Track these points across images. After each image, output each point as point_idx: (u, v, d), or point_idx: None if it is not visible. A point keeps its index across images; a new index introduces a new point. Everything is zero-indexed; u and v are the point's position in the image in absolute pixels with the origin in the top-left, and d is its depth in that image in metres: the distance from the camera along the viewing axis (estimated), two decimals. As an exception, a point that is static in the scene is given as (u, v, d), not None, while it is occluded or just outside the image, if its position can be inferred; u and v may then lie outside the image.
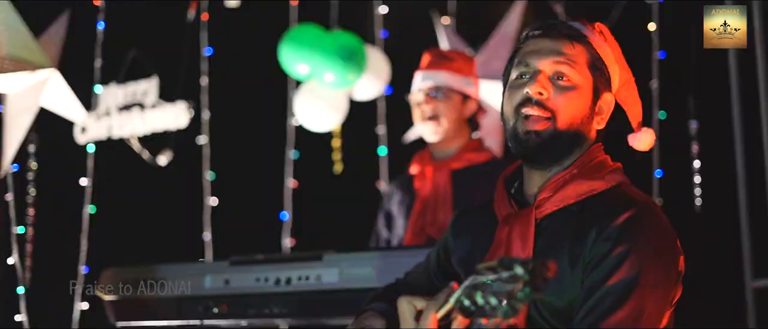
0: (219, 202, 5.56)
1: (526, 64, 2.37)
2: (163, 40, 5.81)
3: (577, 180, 2.32)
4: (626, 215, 2.20)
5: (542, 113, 2.32)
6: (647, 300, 2.13)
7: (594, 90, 2.37)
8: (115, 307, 3.52)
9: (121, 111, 5.49)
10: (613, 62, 2.41)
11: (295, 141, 5.45)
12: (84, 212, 5.45)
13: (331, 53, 4.84)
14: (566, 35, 2.36)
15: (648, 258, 2.16)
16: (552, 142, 2.32)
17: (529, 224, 2.29)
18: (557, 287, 2.22)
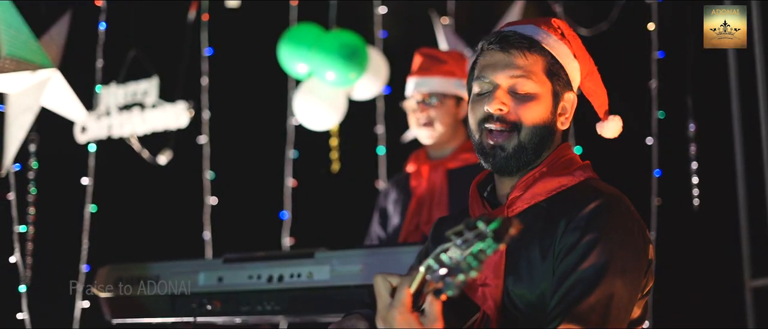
0: (219, 201, 5.57)
1: (483, 78, 2.41)
2: (164, 40, 5.83)
3: (546, 178, 2.37)
4: (594, 205, 2.25)
5: (504, 127, 2.38)
6: (617, 284, 2.19)
7: (553, 94, 2.42)
8: (111, 304, 3.55)
9: (121, 111, 5.50)
10: (572, 58, 2.45)
11: (295, 141, 5.46)
12: (85, 212, 5.46)
13: (332, 52, 4.85)
14: (518, 46, 2.39)
15: (616, 245, 2.21)
16: (517, 153, 2.38)
17: None
18: (529, 279, 2.28)
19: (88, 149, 5.46)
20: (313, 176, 5.47)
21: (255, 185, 5.63)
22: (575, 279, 2.19)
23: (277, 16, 5.43)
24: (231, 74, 5.65)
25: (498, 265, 2.31)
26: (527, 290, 2.28)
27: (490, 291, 2.31)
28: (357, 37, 5.02)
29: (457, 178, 4.05)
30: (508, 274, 2.31)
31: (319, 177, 5.46)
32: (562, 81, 2.42)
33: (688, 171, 4.71)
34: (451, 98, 4.14)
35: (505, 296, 2.30)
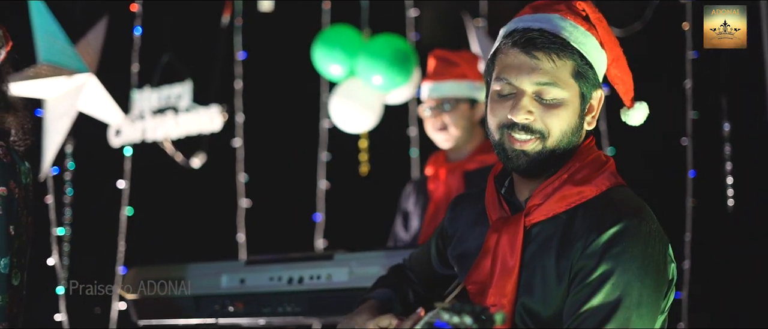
0: (252, 204, 5.61)
1: (506, 80, 2.27)
2: (197, 44, 5.89)
3: (566, 186, 2.25)
4: (611, 231, 2.15)
5: (529, 134, 2.25)
6: (631, 319, 2.10)
7: (581, 96, 2.28)
8: (137, 306, 3.60)
9: (155, 114, 5.57)
10: (600, 48, 2.31)
11: (328, 143, 5.49)
12: (121, 214, 5.54)
13: (382, 57, 4.84)
14: (546, 51, 2.24)
15: (634, 276, 2.11)
16: (542, 159, 2.27)
17: (517, 233, 2.25)
18: (543, 298, 2.20)
19: (124, 153, 5.53)
20: (345, 178, 5.49)
21: (288, 188, 5.66)
22: (587, 314, 2.11)
23: (310, 19, 5.46)
24: (264, 77, 5.69)
25: (508, 281, 2.23)
26: (541, 307, 2.20)
27: (502, 303, 2.23)
28: (406, 43, 5.04)
29: (475, 180, 4.03)
30: (522, 286, 2.23)
31: (352, 179, 5.48)
32: (589, 81, 2.29)
33: (722, 172, 4.65)
34: (464, 102, 4.13)
35: (517, 314, 2.23)
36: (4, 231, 2.53)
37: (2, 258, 2.51)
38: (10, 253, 2.54)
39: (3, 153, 2.58)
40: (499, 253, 2.27)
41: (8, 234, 2.53)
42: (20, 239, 2.60)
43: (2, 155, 2.58)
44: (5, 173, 2.57)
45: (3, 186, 2.55)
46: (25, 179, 2.67)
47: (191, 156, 5.62)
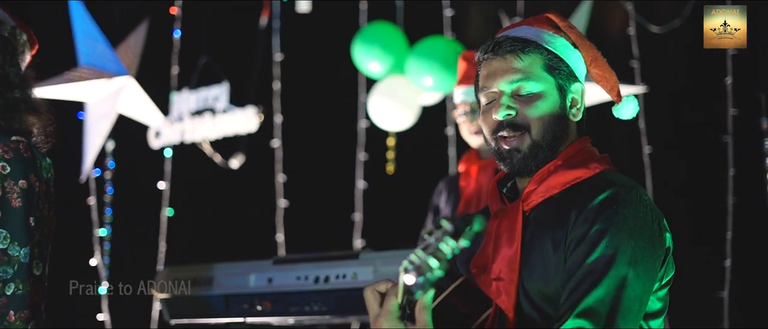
0: (291, 204, 5.65)
1: (487, 89, 2.42)
2: (235, 46, 5.94)
3: (560, 171, 2.36)
4: (603, 196, 2.23)
5: (516, 131, 2.37)
6: (628, 275, 2.17)
7: (559, 88, 2.40)
8: (169, 305, 3.64)
9: (193, 116, 5.63)
10: (572, 48, 2.43)
11: (365, 143, 5.50)
12: (161, 215, 5.61)
13: (434, 58, 4.85)
14: (511, 50, 2.38)
15: (626, 235, 2.19)
16: (533, 152, 2.37)
17: (516, 217, 2.35)
18: (543, 272, 2.27)
19: (164, 154, 5.61)
20: (383, 177, 5.50)
21: (326, 188, 5.69)
22: (583, 272, 2.18)
23: (347, 19, 5.47)
24: (302, 78, 5.72)
25: (513, 259, 2.31)
26: (542, 283, 2.27)
27: (504, 286, 2.31)
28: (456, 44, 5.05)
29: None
30: (523, 268, 2.30)
31: (390, 179, 5.49)
32: (564, 73, 2.40)
33: (762, 169, 4.59)
34: None
35: (521, 290, 2.30)
36: (25, 223, 2.60)
37: (23, 248, 2.58)
38: (31, 244, 2.61)
39: (24, 148, 2.65)
40: (501, 237, 2.37)
41: (28, 226, 2.60)
42: (41, 231, 2.66)
43: (23, 151, 2.65)
44: (26, 167, 2.64)
45: (23, 179, 2.62)
46: (46, 173, 2.74)
47: (230, 157, 5.67)
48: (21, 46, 2.83)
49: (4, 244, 2.57)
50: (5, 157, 2.61)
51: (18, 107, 2.75)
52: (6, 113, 2.72)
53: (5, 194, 2.59)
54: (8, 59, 2.76)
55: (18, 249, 2.58)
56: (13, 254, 2.57)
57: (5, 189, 2.59)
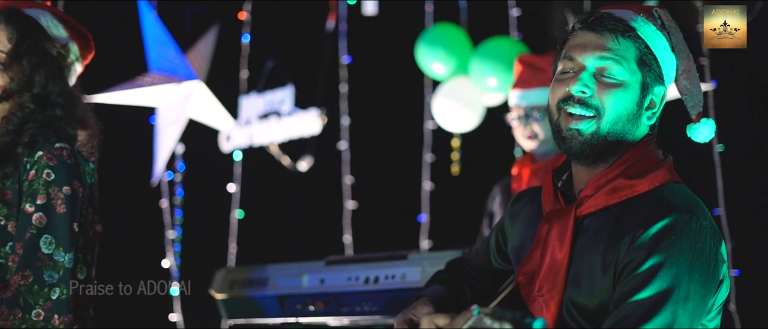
0: (358, 205, 5.68)
1: (570, 58, 2.31)
2: (302, 49, 5.99)
3: (619, 179, 2.25)
4: (661, 225, 2.13)
5: (585, 110, 2.27)
6: (678, 313, 2.08)
7: (642, 85, 2.29)
8: (226, 306, 3.70)
9: (260, 119, 5.71)
10: (669, 51, 2.32)
11: (432, 144, 5.51)
12: (232, 217, 5.70)
13: (498, 59, 4.84)
14: (611, 29, 2.27)
15: (682, 270, 2.10)
16: (595, 141, 2.27)
17: (567, 224, 2.26)
18: (589, 288, 2.20)
19: (233, 157, 5.69)
20: (450, 178, 5.49)
21: (393, 189, 5.71)
22: (633, 306, 2.09)
23: (413, 21, 5.48)
24: (368, 80, 5.75)
25: (558, 271, 2.23)
26: (586, 299, 2.20)
27: (545, 301, 2.24)
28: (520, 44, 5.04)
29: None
30: (569, 278, 2.23)
31: (456, 180, 5.48)
32: (654, 73, 2.30)
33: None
34: None
35: (564, 306, 2.23)
36: (68, 228, 2.67)
37: (67, 253, 2.65)
38: (75, 249, 2.67)
39: (68, 155, 2.72)
40: (549, 244, 2.28)
41: (72, 231, 2.67)
42: (85, 236, 2.73)
43: (67, 157, 2.72)
44: (69, 174, 2.71)
45: (67, 186, 2.69)
46: (90, 179, 2.80)
47: (298, 159, 5.73)
48: (70, 63, 2.89)
49: (49, 249, 2.64)
50: (49, 164, 2.69)
51: (58, 125, 2.81)
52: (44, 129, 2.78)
53: (50, 200, 2.67)
54: (52, 79, 2.82)
55: (62, 254, 2.65)
56: (58, 259, 2.65)
57: (50, 196, 2.67)
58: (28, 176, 2.68)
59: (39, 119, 2.79)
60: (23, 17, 2.81)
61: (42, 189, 2.67)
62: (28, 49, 2.79)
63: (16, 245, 2.65)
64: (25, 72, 2.79)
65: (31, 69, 2.79)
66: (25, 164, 2.70)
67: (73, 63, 2.92)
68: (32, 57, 2.80)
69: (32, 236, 2.64)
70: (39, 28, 2.83)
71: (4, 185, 2.70)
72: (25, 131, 2.77)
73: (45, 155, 2.70)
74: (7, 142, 2.75)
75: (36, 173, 2.68)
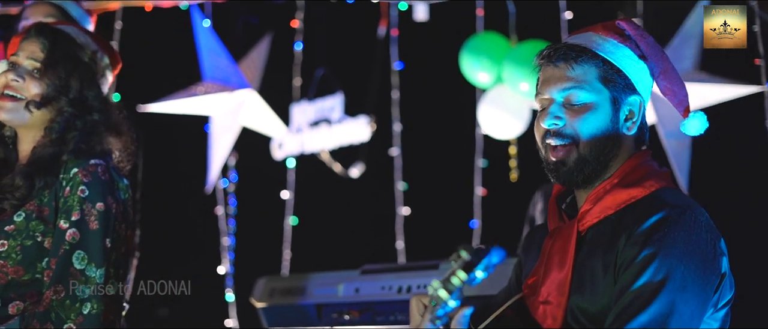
0: (411, 211, 5.68)
1: (541, 95, 2.39)
2: (353, 56, 6.01)
3: (616, 190, 2.31)
4: (655, 218, 2.18)
5: (563, 141, 2.33)
6: (676, 301, 2.11)
7: (612, 101, 2.34)
8: (266, 313, 3.74)
9: (311, 127, 5.75)
10: (637, 59, 2.36)
11: (484, 150, 5.49)
12: (285, 224, 5.74)
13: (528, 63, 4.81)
14: (565, 58, 2.34)
15: (676, 259, 2.14)
16: (580, 166, 2.33)
17: (570, 238, 2.31)
18: (591, 293, 2.23)
19: (286, 165, 5.74)
20: (502, 184, 5.47)
21: (445, 195, 5.70)
22: (631, 297, 2.13)
23: (464, 26, 5.46)
24: (420, 86, 5.75)
25: (563, 282, 2.28)
26: (589, 303, 2.23)
27: (551, 310, 2.28)
28: None
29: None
30: (573, 288, 2.27)
31: (509, 185, 5.45)
32: (619, 85, 2.34)
33: None
34: None
35: (569, 313, 2.26)
36: (101, 244, 2.71)
37: (99, 269, 2.69)
38: (107, 264, 2.71)
39: (102, 171, 2.77)
40: (553, 257, 2.33)
41: (105, 247, 2.71)
42: (118, 251, 2.77)
43: (101, 173, 2.77)
44: (103, 190, 2.75)
45: (101, 202, 2.74)
46: (124, 194, 2.85)
47: (349, 166, 5.76)
48: (102, 70, 2.96)
49: (81, 265, 2.69)
50: (84, 181, 2.73)
51: (98, 130, 2.88)
52: (86, 136, 2.84)
53: (83, 216, 2.71)
54: (87, 84, 2.88)
55: (94, 269, 2.70)
56: (90, 274, 2.69)
57: (84, 212, 2.71)
58: (64, 193, 2.73)
59: (79, 126, 2.85)
60: (52, 29, 2.89)
61: (76, 205, 2.71)
62: (62, 57, 2.86)
63: (51, 260, 2.70)
64: (61, 78, 2.84)
65: (66, 74, 2.85)
66: (61, 180, 2.75)
67: (104, 70, 2.98)
68: (67, 63, 2.86)
69: (65, 252, 2.68)
70: (68, 37, 2.90)
71: (42, 201, 2.75)
72: (69, 139, 2.82)
73: (80, 171, 2.75)
74: (52, 152, 2.81)
75: (71, 190, 2.73)
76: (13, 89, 2.81)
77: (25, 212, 2.74)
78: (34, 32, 2.87)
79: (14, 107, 2.81)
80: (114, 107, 2.96)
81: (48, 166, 2.79)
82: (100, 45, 2.97)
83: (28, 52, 2.84)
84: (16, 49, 2.88)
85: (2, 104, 2.81)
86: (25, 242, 2.72)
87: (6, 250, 2.71)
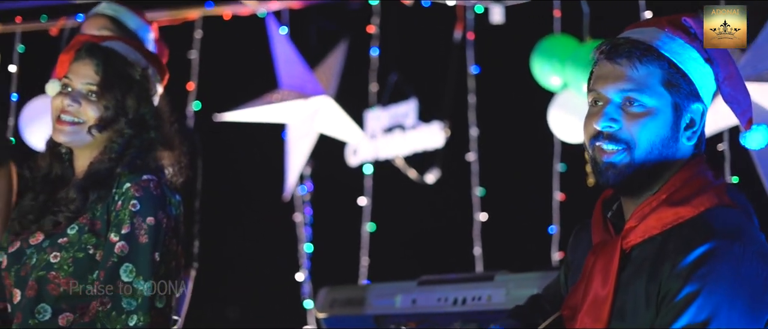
0: (489, 217, 5.62)
1: (595, 91, 2.22)
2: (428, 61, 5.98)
3: (663, 207, 2.13)
4: (700, 251, 2.01)
5: (616, 145, 2.16)
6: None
7: (674, 107, 2.17)
8: (327, 323, 3.75)
9: (385, 133, 5.73)
10: (703, 62, 2.17)
11: (562, 154, 5.39)
12: (362, 230, 5.74)
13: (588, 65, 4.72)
14: (628, 56, 2.15)
15: (720, 298, 1.98)
16: (631, 173, 2.16)
17: (613, 257, 2.15)
18: (633, 323, 2.09)
19: (363, 171, 5.75)
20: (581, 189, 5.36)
21: (523, 200, 5.62)
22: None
23: (540, 28, 5.37)
24: (496, 90, 5.68)
25: (601, 306, 2.13)
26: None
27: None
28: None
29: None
30: (615, 315, 2.12)
31: (589, 190, 5.34)
32: (684, 91, 2.16)
33: None
34: None
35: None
36: (150, 257, 2.74)
37: (146, 282, 2.71)
38: (155, 277, 2.73)
39: (154, 186, 2.80)
40: (593, 277, 2.18)
41: (153, 260, 2.74)
42: (167, 265, 2.79)
43: (153, 188, 2.79)
44: (154, 205, 2.78)
45: (151, 216, 2.76)
46: (175, 210, 2.87)
47: (425, 172, 5.74)
48: (153, 85, 2.98)
49: (129, 278, 2.71)
50: (136, 195, 2.76)
51: (154, 147, 2.91)
52: (143, 153, 2.88)
53: (133, 230, 2.74)
54: (142, 102, 2.91)
55: (142, 282, 2.72)
56: (138, 287, 2.71)
57: (134, 225, 2.74)
58: (116, 207, 2.77)
59: (137, 144, 2.88)
60: (103, 48, 2.91)
61: (127, 219, 2.75)
62: (116, 77, 2.88)
63: (100, 272, 2.74)
64: (117, 99, 2.87)
65: (122, 95, 2.88)
66: (114, 195, 2.79)
67: (155, 85, 3.00)
68: (121, 83, 2.88)
69: (113, 264, 2.72)
70: (119, 56, 2.92)
71: (94, 215, 2.79)
72: (126, 156, 2.86)
73: (132, 186, 2.78)
74: (107, 167, 2.85)
75: (122, 204, 2.77)
76: (71, 113, 2.85)
77: (78, 225, 2.79)
78: (84, 53, 2.89)
79: (75, 130, 2.85)
80: (166, 121, 2.98)
81: (102, 180, 2.83)
82: (148, 59, 2.99)
83: (81, 75, 2.87)
84: (66, 70, 2.91)
85: (62, 127, 2.85)
86: (78, 254, 2.76)
87: (59, 262, 2.76)
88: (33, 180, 2.96)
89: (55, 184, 2.91)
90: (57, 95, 2.90)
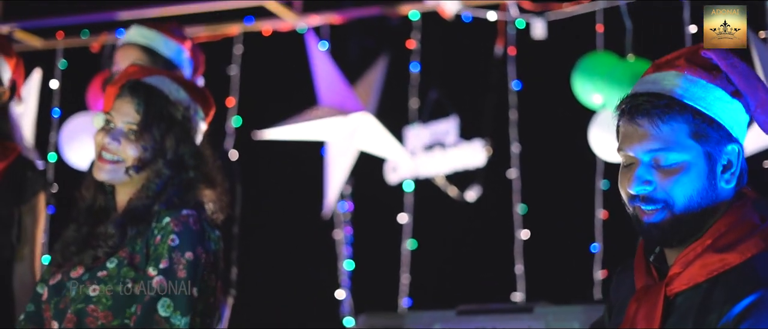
0: (530, 234, 5.56)
1: (624, 151, 2.16)
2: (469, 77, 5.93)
3: (708, 253, 2.08)
4: (747, 301, 1.96)
5: (653, 205, 2.11)
6: None
7: (706, 156, 2.11)
8: (367, 352, 3.73)
9: (425, 151, 5.69)
10: (730, 99, 2.11)
11: (604, 171, 5.32)
12: (403, 248, 5.71)
13: (625, 83, 4.67)
14: (648, 115, 2.10)
15: None
16: (674, 228, 2.10)
17: (657, 304, 2.10)
18: None
19: (404, 189, 5.71)
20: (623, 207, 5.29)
21: (565, 218, 5.55)
22: None
23: (583, 44, 5.31)
24: (537, 106, 5.63)
25: None
26: None
27: None
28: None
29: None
30: None
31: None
32: (714, 139, 2.11)
33: None
34: None
35: None
36: (188, 293, 2.73)
37: (184, 317, 2.71)
38: (192, 313, 2.73)
39: (194, 221, 2.81)
40: (636, 323, 2.13)
41: (191, 296, 2.74)
42: (205, 301, 2.79)
43: (192, 224, 2.80)
44: (193, 240, 2.78)
45: (190, 251, 2.77)
46: (215, 245, 2.87)
47: (465, 190, 5.69)
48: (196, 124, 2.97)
49: (167, 312, 2.71)
50: (175, 230, 2.77)
51: (194, 186, 2.91)
52: (181, 191, 2.88)
53: (172, 265, 2.75)
54: (182, 142, 2.91)
55: (179, 317, 2.72)
56: (175, 322, 2.71)
57: (173, 260, 2.75)
58: (154, 241, 2.79)
59: (176, 183, 2.89)
60: (145, 87, 2.92)
61: (165, 254, 2.76)
62: (156, 117, 2.89)
63: (137, 307, 2.74)
64: (156, 140, 2.89)
65: (161, 136, 2.89)
66: (154, 229, 2.80)
67: (198, 123, 3.00)
68: (161, 124, 2.89)
69: (151, 299, 2.72)
70: (161, 95, 2.92)
71: (134, 249, 2.81)
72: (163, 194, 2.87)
73: (172, 221, 2.79)
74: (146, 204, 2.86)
75: (161, 239, 2.78)
76: (111, 151, 2.88)
77: (117, 258, 2.80)
78: (127, 91, 2.92)
79: (114, 169, 2.88)
80: (208, 159, 2.98)
81: (141, 216, 2.85)
82: (192, 95, 2.98)
83: (123, 113, 2.89)
84: (111, 105, 2.93)
85: (102, 165, 2.89)
86: (116, 288, 2.78)
87: (97, 295, 2.77)
88: (77, 211, 2.99)
89: (97, 216, 2.94)
90: (99, 131, 2.93)
